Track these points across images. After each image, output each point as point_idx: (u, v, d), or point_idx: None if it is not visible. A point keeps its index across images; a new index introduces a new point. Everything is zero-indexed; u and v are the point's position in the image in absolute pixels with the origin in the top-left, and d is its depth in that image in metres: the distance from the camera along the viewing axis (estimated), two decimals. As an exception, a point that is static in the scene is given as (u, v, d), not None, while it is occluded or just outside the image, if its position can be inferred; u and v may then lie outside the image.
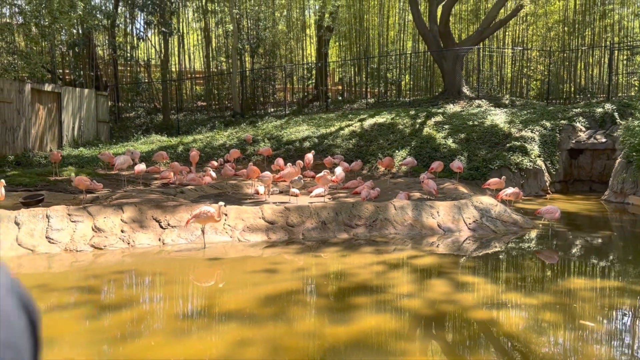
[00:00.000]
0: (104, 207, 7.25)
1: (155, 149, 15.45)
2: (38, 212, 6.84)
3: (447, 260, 6.59)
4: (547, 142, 13.53)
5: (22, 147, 14.57)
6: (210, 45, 25.77)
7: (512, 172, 12.44)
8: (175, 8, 23.38)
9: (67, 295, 5.22)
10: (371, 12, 26.45)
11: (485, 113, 16.07)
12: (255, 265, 6.35)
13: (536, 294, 5.36)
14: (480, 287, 5.56)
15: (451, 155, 13.04)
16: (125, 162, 10.96)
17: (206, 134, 17.80)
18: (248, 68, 25.03)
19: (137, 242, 6.84)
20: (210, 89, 25.47)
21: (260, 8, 24.70)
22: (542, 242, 7.92)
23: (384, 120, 16.09)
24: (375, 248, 7.04)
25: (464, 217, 8.09)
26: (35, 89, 15.43)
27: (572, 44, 24.48)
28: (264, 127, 17.60)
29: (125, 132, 20.20)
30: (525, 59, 25.33)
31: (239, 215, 7.51)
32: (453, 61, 19.61)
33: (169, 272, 6.16)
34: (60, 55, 22.78)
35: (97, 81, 22.06)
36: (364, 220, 7.83)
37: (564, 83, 23.77)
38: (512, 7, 21.56)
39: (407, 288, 5.51)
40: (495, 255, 7.08)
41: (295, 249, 6.95)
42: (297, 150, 14.89)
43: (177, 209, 7.40)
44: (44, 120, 15.96)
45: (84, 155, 14.92)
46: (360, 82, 25.63)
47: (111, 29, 23.20)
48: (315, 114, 19.82)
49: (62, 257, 6.38)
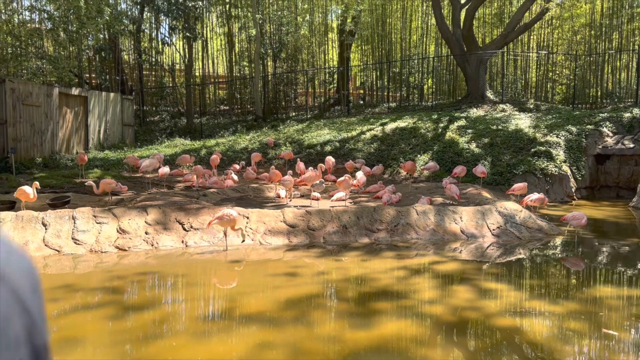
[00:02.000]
0: (129, 209, 7.36)
1: (178, 152, 15.63)
2: (64, 213, 6.97)
3: (470, 266, 6.50)
4: (573, 147, 13.28)
5: (49, 150, 14.90)
6: (233, 50, 26.02)
7: (537, 177, 12.24)
8: (199, 13, 23.66)
9: (91, 296, 5.30)
10: (393, 16, 26.38)
11: (509, 117, 15.86)
12: (276, 269, 6.36)
13: (561, 301, 5.25)
14: (504, 294, 5.47)
15: (474, 160, 12.90)
16: (151, 165, 11.12)
17: (228, 138, 17.95)
18: (270, 72, 25.19)
19: (161, 243, 6.92)
20: (233, 93, 25.70)
21: (283, 13, 24.85)
22: (568, 249, 7.76)
23: (405, 125, 16.00)
24: (396, 253, 7.00)
25: (487, 222, 7.99)
26: (63, 92, 15.76)
27: (599, 48, 24.03)
28: (286, 131, 17.66)
29: (149, 136, 20.49)
30: (550, 62, 24.96)
31: (261, 219, 7.54)
32: (476, 65, 19.42)
33: (191, 274, 6.21)
34: (87, 59, 23.24)
35: (123, 85, 22.45)
36: (385, 225, 7.79)
37: (590, 87, 23.34)
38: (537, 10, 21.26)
39: (429, 294, 5.45)
40: (520, 262, 6.96)
41: (316, 253, 6.94)
42: (318, 154, 14.90)
43: (199, 212, 7.47)
44: (71, 123, 16.29)
45: (109, 158, 15.18)
46: (382, 86, 25.57)
47: (137, 34, 23.60)
48: (337, 118, 19.83)
49: (87, 258, 6.49)
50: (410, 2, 26.04)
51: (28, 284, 0.53)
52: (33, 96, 14.14)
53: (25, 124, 13.82)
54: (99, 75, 22.87)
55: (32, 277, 0.55)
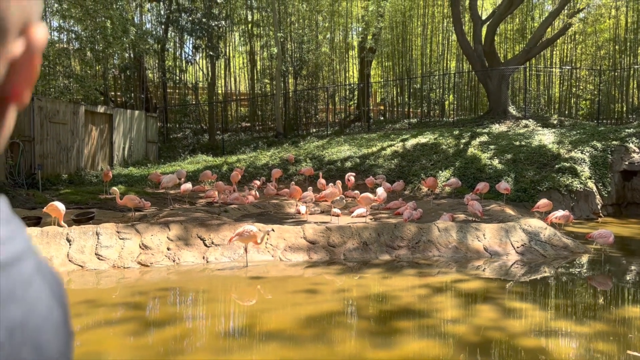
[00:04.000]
0: (151, 225, 7.43)
1: (201, 168, 15.80)
2: (88, 229, 7.08)
3: (494, 284, 6.38)
4: (598, 164, 13.03)
5: (75, 166, 15.20)
6: (255, 67, 26.37)
7: (561, 194, 12.02)
8: (222, 33, 24.10)
9: (113, 311, 5.34)
10: (414, 33, 26.46)
11: (532, 133, 15.66)
12: (296, 285, 6.34)
13: (588, 322, 5.10)
14: (528, 313, 5.34)
15: (497, 176, 12.73)
16: (171, 180, 11.26)
17: (250, 154, 18.09)
18: (291, 89, 25.42)
19: (182, 259, 6.97)
20: (254, 110, 25.98)
21: (304, 31, 25.14)
22: (595, 268, 7.57)
23: (426, 140, 15.92)
24: (418, 270, 6.91)
25: (511, 240, 7.85)
26: (89, 110, 16.12)
27: (624, 63, 23.68)
28: (306, 147, 17.73)
29: (172, 152, 20.79)
30: (574, 78, 24.66)
31: (281, 235, 7.54)
32: (498, 81, 19.30)
33: (212, 290, 6.22)
34: (113, 78, 23.79)
35: (147, 103, 22.88)
36: (406, 242, 7.71)
37: (615, 103, 22.96)
38: (560, 26, 21.11)
39: (451, 313, 5.36)
40: (545, 281, 6.81)
41: (336, 270, 6.89)
42: (338, 170, 14.90)
43: (220, 228, 7.50)
44: (96, 140, 16.63)
45: (133, 174, 15.42)
46: (402, 103, 25.56)
47: (161, 53, 24.10)
48: (357, 134, 19.84)
49: (109, 274, 6.56)
50: (431, 19, 26.11)
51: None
52: (60, 114, 14.49)
53: (52, 141, 14.15)
54: (124, 94, 23.36)
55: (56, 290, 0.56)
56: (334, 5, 25.92)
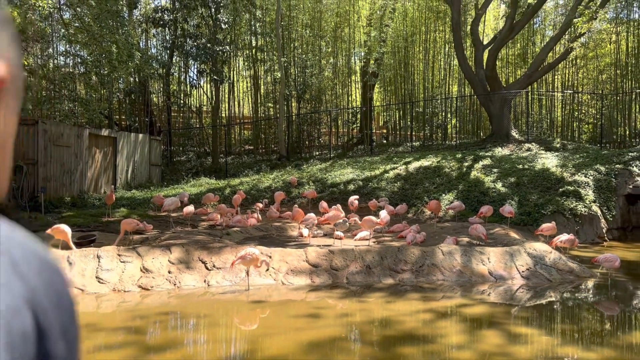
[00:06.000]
0: (153, 248, 7.39)
1: (204, 191, 15.80)
2: (89, 252, 7.04)
3: (499, 309, 6.28)
4: (602, 187, 12.97)
5: (78, 189, 15.21)
6: (258, 91, 26.60)
7: (565, 217, 11.93)
8: (226, 57, 24.38)
9: (113, 336, 5.27)
10: (416, 58, 26.72)
11: (535, 156, 15.65)
12: (298, 310, 6.25)
13: (595, 347, 5.00)
14: (534, 339, 5.24)
15: (501, 200, 12.67)
16: (173, 203, 11.23)
17: (253, 177, 18.10)
18: (294, 113, 25.58)
19: (183, 283, 6.90)
20: (258, 133, 26.12)
21: (308, 56, 25.42)
22: (601, 293, 7.46)
23: (429, 164, 15.92)
24: (422, 295, 6.82)
25: (516, 264, 7.76)
26: (93, 133, 16.22)
27: (626, 87, 23.79)
28: (309, 170, 17.74)
29: (176, 175, 20.82)
30: (576, 102, 24.76)
31: (283, 258, 7.47)
32: (501, 104, 19.38)
33: (213, 314, 6.14)
34: (118, 101, 24.00)
35: (151, 126, 23.01)
36: (410, 265, 7.63)
37: (618, 126, 23.00)
38: (561, 50, 21.28)
39: (456, 338, 5.26)
40: (551, 306, 6.70)
41: (339, 294, 6.81)
42: (341, 193, 14.87)
43: (222, 251, 7.45)
44: (100, 163, 16.68)
45: (136, 197, 15.42)
46: (405, 126, 25.65)
47: (166, 77, 24.37)
48: (360, 157, 19.87)
49: (110, 297, 6.49)
50: (433, 44, 26.39)
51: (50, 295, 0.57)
52: (64, 137, 14.57)
53: (55, 164, 14.20)
54: (129, 117, 23.54)
55: (58, 293, 0.59)
56: (337, 31, 26.26)
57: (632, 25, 23.98)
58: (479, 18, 20.91)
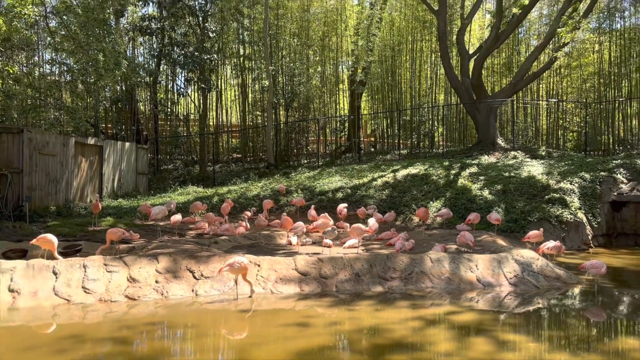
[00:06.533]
0: (139, 257, 7.31)
1: (191, 199, 15.71)
2: (75, 262, 6.94)
3: (488, 316, 6.31)
4: (588, 194, 13.12)
5: (63, 198, 15.04)
6: (246, 99, 26.59)
7: (552, 224, 12.04)
8: (214, 66, 24.37)
9: (99, 346, 5.19)
10: (403, 67, 26.93)
11: (521, 164, 15.81)
12: (287, 318, 6.22)
13: (582, 353, 5.04)
14: (523, 346, 5.27)
15: (487, 207, 12.76)
16: (161, 212, 11.14)
17: (241, 185, 18.05)
18: (282, 121, 25.60)
19: (171, 293, 6.83)
20: (246, 141, 26.08)
21: (295, 64, 25.50)
22: (588, 299, 7.52)
23: (417, 171, 16.00)
24: (411, 302, 6.82)
25: (504, 271, 7.81)
26: (79, 142, 16.07)
27: (609, 95, 24.19)
28: (297, 178, 17.73)
29: (163, 184, 20.69)
30: (560, 110, 25.09)
31: (272, 267, 7.44)
32: (486, 113, 19.58)
33: (201, 324, 6.08)
34: (104, 110, 23.84)
35: (138, 135, 22.88)
36: (399, 273, 7.64)
37: (601, 134, 23.33)
38: (546, 60, 21.59)
39: (445, 346, 5.27)
40: (539, 312, 6.75)
41: (329, 302, 6.79)
42: (329, 200, 14.87)
43: (210, 260, 7.40)
44: (86, 172, 16.52)
45: (122, 206, 15.28)
46: (392, 134, 25.79)
47: (153, 85, 24.28)
48: (348, 165, 19.91)
49: (96, 308, 6.41)
50: (419, 53, 26.62)
51: None
52: (50, 146, 14.42)
53: (40, 173, 14.03)
54: (115, 125, 23.38)
55: None
56: (325, 40, 26.40)
57: (615, 35, 24.43)
58: (465, 28, 21.17)
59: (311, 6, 26.06)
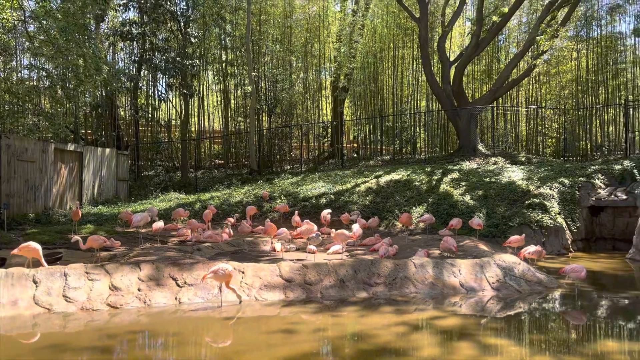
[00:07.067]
0: (121, 265, 7.22)
1: (173, 206, 15.58)
2: (56, 270, 6.83)
3: (471, 321, 6.36)
4: (567, 200, 13.34)
5: (42, 206, 14.79)
6: (229, 105, 26.50)
7: (532, 229, 12.20)
8: (196, 71, 24.24)
9: (80, 356, 5.11)
10: (385, 73, 27.13)
11: (501, 170, 16.01)
12: (271, 326, 6.20)
13: (564, 357, 5.11)
14: (506, 349, 5.32)
15: (469, 212, 12.88)
16: (142, 219, 11.03)
17: (223, 191, 17.95)
18: (265, 127, 25.56)
19: (154, 300, 6.75)
20: (229, 147, 25.96)
21: (278, 70, 25.51)
22: (569, 303, 7.64)
23: (400, 177, 16.10)
24: (395, 308, 6.85)
25: (486, 275, 7.89)
26: (59, 148, 15.84)
27: (587, 102, 24.67)
28: (281, 184, 17.71)
29: (144, 190, 20.47)
30: (539, 117, 25.51)
31: (256, 273, 7.41)
32: (467, 119, 19.81)
33: (184, 332, 6.02)
34: (84, 116, 23.53)
35: (119, 141, 22.62)
36: (383, 279, 7.67)
37: (580, 140, 23.77)
38: (525, 67, 21.95)
39: (430, 351, 5.30)
40: (521, 316, 6.83)
41: (313, 308, 6.78)
42: (313, 206, 14.88)
43: (193, 267, 7.34)
44: (65, 178, 16.28)
45: (103, 213, 15.08)
46: (375, 140, 25.93)
47: (134, 91, 24.05)
48: (331, 170, 19.95)
49: (77, 316, 6.30)
50: (401, 60, 26.86)
51: None
52: (28, 152, 14.18)
53: (19, 180, 13.79)
54: (95, 131, 23.10)
55: None
56: (307, 46, 26.47)
57: (592, 43, 24.96)
58: (446, 35, 21.43)
59: (294, 12, 26.14)
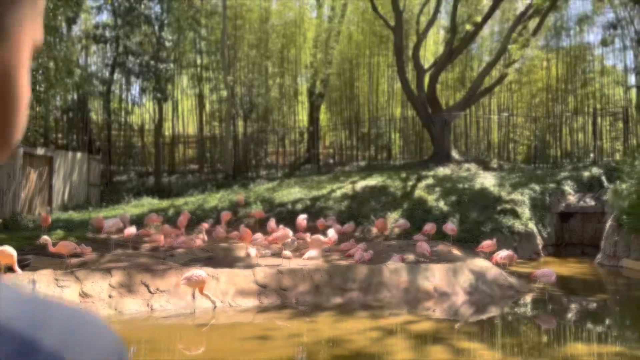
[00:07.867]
0: (92, 272, 7.07)
1: (146, 211, 15.32)
2: (23, 277, 6.65)
3: (445, 325, 6.42)
4: (538, 206, 13.60)
5: (10, 211, 14.40)
6: (204, 110, 26.28)
7: (504, 235, 12.40)
8: (170, 75, 24.00)
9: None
10: (361, 80, 27.30)
11: (474, 176, 16.23)
12: (246, 332, 6.14)
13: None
14: (478, 352, 5.39)
15: (443, 218, 13.02)
16: (114, 225, 10.82)
17: (198, 197, 17.76)
18: (241, 132, 25.42)
19: (125, 307, 6.63)
20: (203, 152, 25.72)
21: (254, 75, 25.42)
22: (539, 307, 7.78)
23: (375, 183, 16.18)
24: (370, 313, 6.87)
25: (459, 280, 7.98)
26: (28, 152, 15.47)
27: (557, 110, 25.25)
28: (256, 190, 17.61)
29: (116, 195, 20.10)
30: (511, 124, 26.00)
31: (231, 279, 7.34)
32: (441, 126, 20.06)
33: (156, 339, 5.92)
34: (54, 119, 23.03)
35: (90, 145, 22.20)
36: (358, 284, 7.68)
37: (550, 148, 24.30)
38: (497, 75, 22.38)
39: (404, 355, 5.32)
40: (494, 320, 6.92)
41: (288, 314, 6.75)
42: (289, 212, 14.82)
43: (166, 273, 7.23)
44: (35, 183, 15.89)
45: (73, 219, 14.75)
46: (351, 146, 26.04)
47: (107, 94, 23.66)
48: (307, 176, 19.93)
49: (45, 324, 6.14)
50: (377, 67, 27.08)
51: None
52: (-4, 155, 13.80)
53: (-15, 184, 13.42)
54: (66, 135, 22.62)
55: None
56: (283, 52, 26.48)
57: (561, 52, 25.60)
58: (420, 43, 21.69)
59: (270, 18, 26.12)
